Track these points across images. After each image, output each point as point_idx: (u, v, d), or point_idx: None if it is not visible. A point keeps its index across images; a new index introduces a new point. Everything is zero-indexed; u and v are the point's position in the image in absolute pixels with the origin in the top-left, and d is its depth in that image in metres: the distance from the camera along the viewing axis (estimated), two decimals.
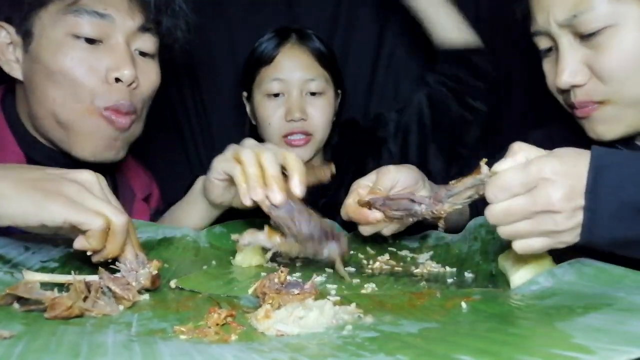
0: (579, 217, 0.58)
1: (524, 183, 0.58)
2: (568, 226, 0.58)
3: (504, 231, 0.61)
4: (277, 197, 0.70)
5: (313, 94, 1.17)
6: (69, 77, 0.88)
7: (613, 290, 0.58)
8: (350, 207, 0.81)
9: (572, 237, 0.60)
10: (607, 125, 0.81)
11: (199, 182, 0.92)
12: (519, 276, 0.67)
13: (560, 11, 0.78)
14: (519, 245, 0.61)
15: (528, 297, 0.60)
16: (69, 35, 0.88)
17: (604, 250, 0.61)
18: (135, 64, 0.92)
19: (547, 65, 0.87)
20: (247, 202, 0.73)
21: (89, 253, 0.63)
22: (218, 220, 0.96)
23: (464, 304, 0.57)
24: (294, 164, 0.74)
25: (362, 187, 0.82)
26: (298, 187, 0.73)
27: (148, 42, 0.95)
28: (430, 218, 0.71)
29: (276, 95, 1.16)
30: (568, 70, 0.80)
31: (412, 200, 0.72)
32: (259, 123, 1.21)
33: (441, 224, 0.72)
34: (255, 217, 0.99)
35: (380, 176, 0.82)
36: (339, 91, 1.25)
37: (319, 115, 1.17)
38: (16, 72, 0.92)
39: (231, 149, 0.80)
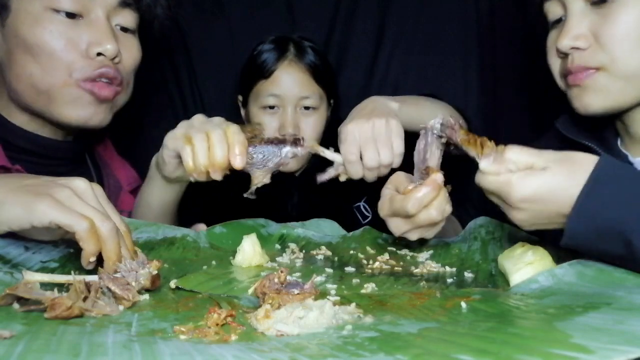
0: (545, 224, 0.67)
1: (495, 194, 0.67)
2: (528, 227, 0.68)
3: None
4: (218, 175, 0.81)
5: (307, 108, 1.22)
6: (46, 50, 0.88)
7: (612, 290, 0.58)
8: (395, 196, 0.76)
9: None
10: (595, 94, 0.82)
11: (154, 159, 0.95)
12: (519, 276, 0.67)
13: None
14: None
15: (528, 297, 0.60)
16: (48, 9, 0.88)
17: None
18: (117, 39, 0.93)
19: (552, 37, 0.88)
20: (191, 179, 0.83)
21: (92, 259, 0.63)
22: (219, 220, 0.96)
23: (463, 304, 0.58)
24: (235, 138, 0.81)
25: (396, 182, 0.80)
26: (237, 159, 0.80)
27: (128, 17, 0.96)
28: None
29: (272, 107, 1.21)
30: (572, 32, 0.81)
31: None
32: None
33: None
34: (255, 217, 1.00)
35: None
36: (332, 101, 1.29)
37: (311, 130, 1.22)
38: None
39: (182, 127, 0.85)
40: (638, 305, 0.52)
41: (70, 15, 0.89)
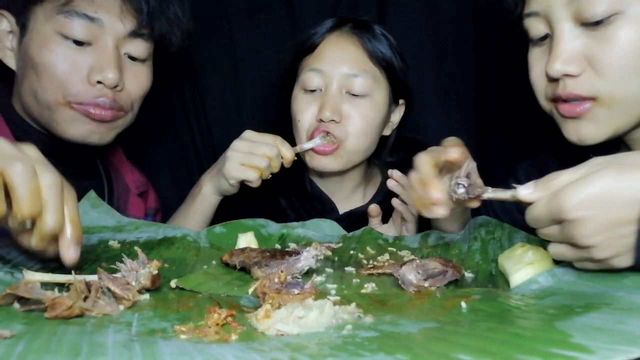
0: (621, 242, 0.56)
1: (550, 219, 0.59)
2: (607, 255, 0.57)
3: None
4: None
5: (355, 95, 0.99)
6: (48, 71, 0.90)
7: (613, 290, 0.58)
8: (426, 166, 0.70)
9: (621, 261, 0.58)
10: (592, 126, 0.75)
11: (205, 188, 1.00)
12: (519, 276, 0.67)
13: None
14: (553, 250, 0.62)
15: (528, 297, 0.60)
16: (58, 33, 0.90)
17: None
18: (123, 67, 0.94)
19: (535, 54, 0.79)
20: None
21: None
22: (219, 221, 0.96)
23: (463, 304, 0.58)
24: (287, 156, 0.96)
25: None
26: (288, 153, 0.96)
27: (139, 47, 0.96)
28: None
29: (313, 91, 1.01)
30: (563, 56, 0.73)
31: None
32: (292, 120, 1.06)
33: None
34: (255, 217, 1.00)
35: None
36: (402, 101, 1.09)
37: (357, 119, 0.99)
38: (9, 59, 0.95)
39: (238, 156, 0.94)
40: (638, 305, 0.52)
41: (79, 43, 0.90)
